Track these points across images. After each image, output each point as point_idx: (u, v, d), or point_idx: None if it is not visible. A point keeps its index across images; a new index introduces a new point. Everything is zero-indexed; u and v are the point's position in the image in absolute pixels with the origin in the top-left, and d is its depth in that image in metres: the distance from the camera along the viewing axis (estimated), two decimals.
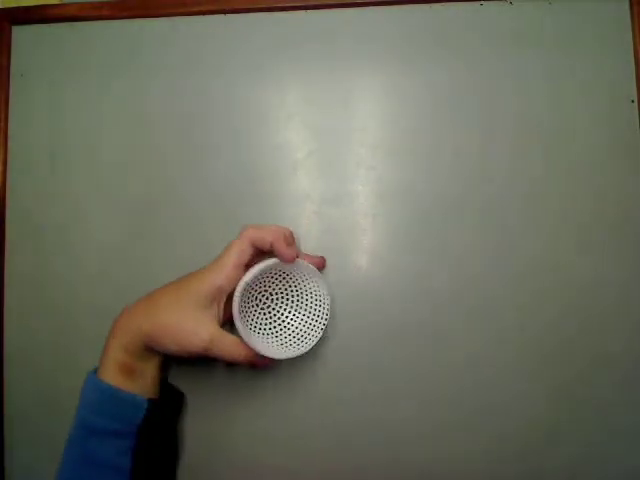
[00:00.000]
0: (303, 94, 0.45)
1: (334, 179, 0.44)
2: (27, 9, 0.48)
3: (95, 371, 0.39)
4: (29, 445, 0.45)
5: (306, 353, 0.39)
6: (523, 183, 0.43)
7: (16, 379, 0.45)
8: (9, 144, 0.47)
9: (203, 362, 0.41)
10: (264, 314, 0.41)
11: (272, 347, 0.39)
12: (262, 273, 0.39)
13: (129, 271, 0.45)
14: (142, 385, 0.39)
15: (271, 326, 0.41)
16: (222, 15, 0.46)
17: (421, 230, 0.43)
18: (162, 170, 0.45)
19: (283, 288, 0.41)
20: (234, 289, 0.38)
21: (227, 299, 0.38)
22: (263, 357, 0.38)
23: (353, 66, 0.45)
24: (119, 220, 0.45)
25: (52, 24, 0.47)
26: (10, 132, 0.47)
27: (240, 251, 0.38)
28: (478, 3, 0.44)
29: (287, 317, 0.41)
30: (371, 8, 0.45)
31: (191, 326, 0.37)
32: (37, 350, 0.45)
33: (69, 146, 0.46)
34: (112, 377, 0.38)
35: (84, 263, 0.45)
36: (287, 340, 0.40)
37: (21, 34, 0.47)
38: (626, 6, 0.44)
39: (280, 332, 0.41)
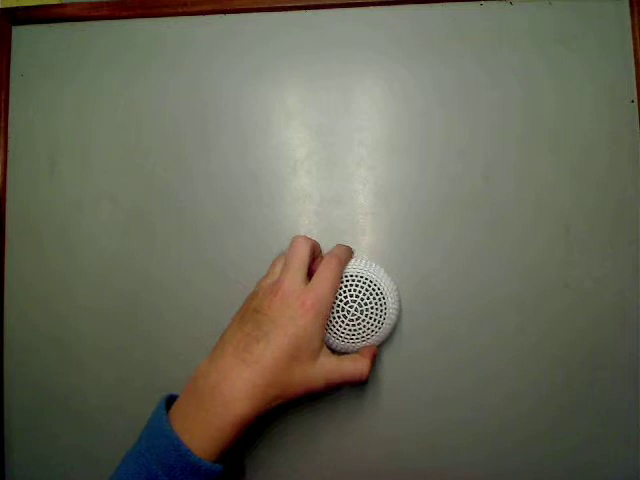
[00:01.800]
0: (303, 94, 0.45)
1: (334, 179, 0.44)
2: (27, 9, 0.48)
3: (166, 409, 0.35)
4: (29, 445, 0.45)
5: None
6: (524, 183, 0.43)
7: (16, 379, 0.45)
8: (9, 144, 0.47)
9: None
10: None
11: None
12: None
13: (129, 270, 0.45)
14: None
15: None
16: (222, 15, 0.46)
17: (422, 230, 0.43)
18: (162, 171, 0.45)
19: None
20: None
21: None
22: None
23: (353, 66, 0.45)
24: (119, 220, 0.45)
25: (52, 24, 0.47)
26: (10, 132, 0.47)
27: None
28: (478, 3, 0.44)
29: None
30: (371, 8, 0.45)
31: (316, 374, 0.36)
32: (37, 350, 0.45)
33: (69, 146, 0.46)
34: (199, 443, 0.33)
35: (84, 263, 0.45)
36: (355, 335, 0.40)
37: (21, 34, 0.48)
38: (626, 6, 0.44)
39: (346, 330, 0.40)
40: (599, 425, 0.42)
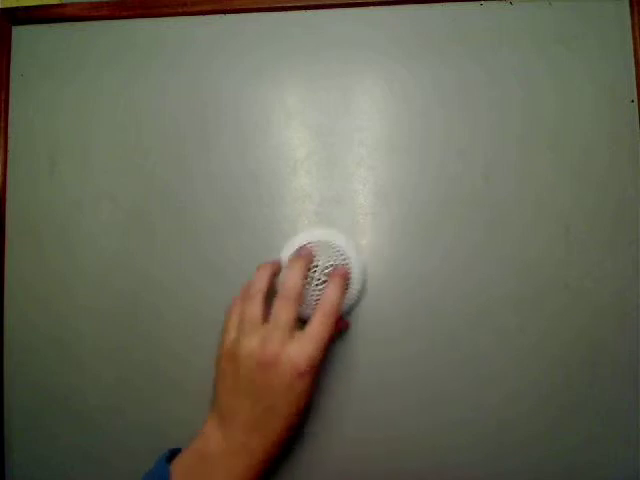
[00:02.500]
0: (303, 94, 0.45)
1: (334, 179, 0.44)
2: (27, 9, 0.48)
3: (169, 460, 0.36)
4: (29, 445, 0.45)
5: None
6: (524, 183, 0.43)
7: (16, 379, 0.45)
8: (9, 144, 0.47)
9: None
10: None
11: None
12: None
13: (129, 270, 0.45)
14: None
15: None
16: (222, 15, 0.46)
17: (422, 230, 0.43)
18: (162, 171, 0.45)
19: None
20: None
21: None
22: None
23: (353, 66, 0.45)
24: (119, 220, 0.45)
25: (52, 24, 0.47)
26: (10, 132, 0.47)
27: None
28: (478, 3, 0.44)
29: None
30: (371, 8, 0.45)
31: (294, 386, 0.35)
32: (37, 350, 0.45)
33: (69, 146, 0.46)
34: None
35: (84, 263, 0.45)
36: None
37: (21, 34, 0.48)
38: (626, 6, 0.44)
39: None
40: (599, 425, 0.42)
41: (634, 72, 0.43)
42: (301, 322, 0.38)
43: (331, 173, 0.44)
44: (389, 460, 0.42)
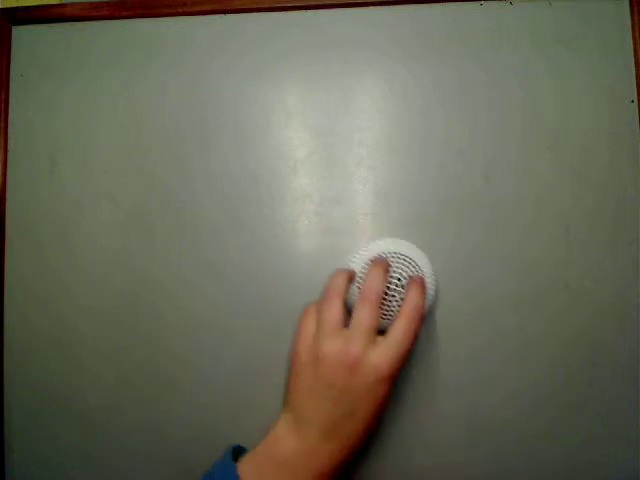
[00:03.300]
0: (303, 94, 0.45)
1: (334, 179, 0.44)
2: (27, 9, 0.48)
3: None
4: (29, 445, 0.45)
5: None
6: (524, 183, 0.43)
7: (16, 379, 0.45)
8: (9, 144, 0.47)
9: None
10: None
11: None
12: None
13: (129, 270, 0.45)
14: None
15: None
16: (222, 15, 0.46)
17: (422, 230, 0.43)
18: (162, 171, 0.45)
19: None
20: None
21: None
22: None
23: (353, 66, 0.45)
24: (119, 220, 0.45)
25: (52, 24, 0.47)
26: (10, 132, 0.47)
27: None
28: (478, 3, 0.44)
29: None
30: (371, 8, 0.45)
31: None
32: (37, 350, 0.45)
33: (69, 146, 0.46)
34: None
35: (84, 263, 0.45)
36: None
37: (21, 34, 0.47)
38: (626, 6, 0.44)
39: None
40: (599, 425, 0.42)
41: (634, 72, 0.43)
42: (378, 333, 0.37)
43: (331, 173, 0.44)
44: (388, 459, 0.42)
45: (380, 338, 0.35)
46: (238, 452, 0.38)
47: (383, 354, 0.34)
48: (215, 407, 0.43)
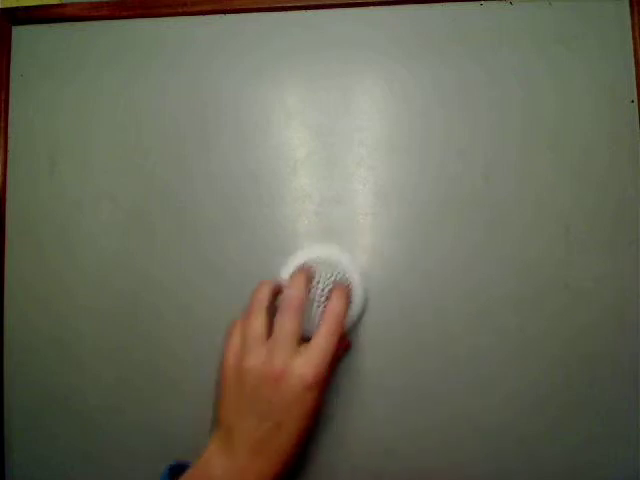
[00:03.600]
0: (303, 94, 0.45)
1: (334, 179, 0.44)
2: (27, 9, 0.48)
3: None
4: (29, 445, 0.45)
5: None
6: (524, 183, 0.43)
7: (16, 379, 0.45)
8: (9, 144, 0.47)
9: None
10: None
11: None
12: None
13: (129, 270, 0.45)
14: None
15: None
16: (222, 15, 0.46)
17: (422, 230, 0.43)
18: (162, 171, 0.45)
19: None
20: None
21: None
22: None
23: (353, 66, 0.45)
24: (119, 220, 0.45)
25: (52, 24, 0.47)
26: (10, 132, 0.47)
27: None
28: (478, 3, 0.44)
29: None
30: (371, 8, 0.45)
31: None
32: (37, 350, 0.45)
33: (69, 146, 0.46)
34: None
35: (84, 263, 0.45)
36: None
37: (21, 34, 0.48)
38: (626, 6, 0.44)
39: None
40: (599, 425, 0.42)
41: (634, 72, 0.43)
42: (303, 341, 0.37)
43: (331, 173, 0.44)
44: (389, 459, 0.42)
45: (303, 347, 0.35)
46: (176, 470, 0.37)
47: (307, 363, 0.34)
48: (215, 407, 0.43)
